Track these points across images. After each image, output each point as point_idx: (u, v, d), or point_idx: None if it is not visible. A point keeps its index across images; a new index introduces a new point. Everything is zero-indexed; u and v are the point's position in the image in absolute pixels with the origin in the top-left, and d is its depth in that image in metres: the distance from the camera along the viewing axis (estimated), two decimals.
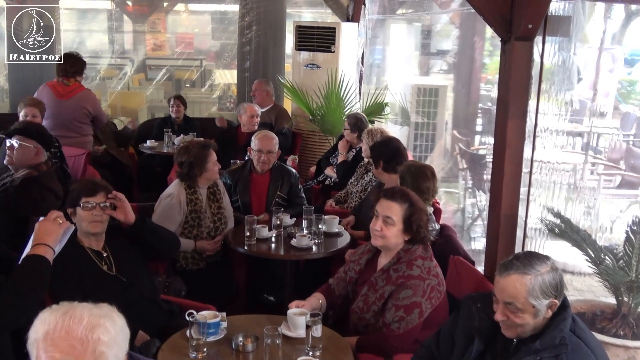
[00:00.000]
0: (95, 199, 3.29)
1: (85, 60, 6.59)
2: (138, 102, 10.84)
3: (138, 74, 12.45)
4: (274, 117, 7.41)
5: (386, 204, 3.09)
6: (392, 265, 3.06)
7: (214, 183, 4.61)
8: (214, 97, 11.55)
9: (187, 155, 4.46)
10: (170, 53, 13.50)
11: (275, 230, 4.39)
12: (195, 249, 4.41)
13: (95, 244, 3.33)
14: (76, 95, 6.21)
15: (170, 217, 4.37)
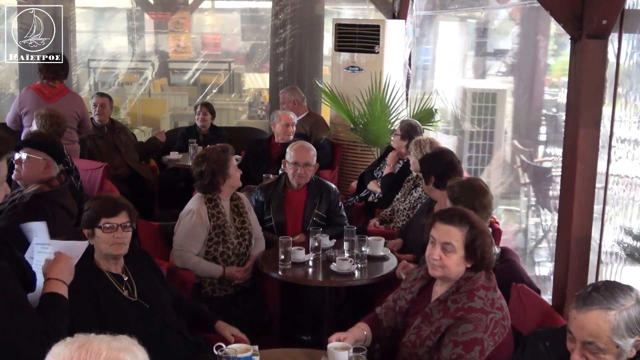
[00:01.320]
0: (117, 219, 3.31)
1: (104, 65, 6.76)
2: (160, 109, 10.98)
3: (160, 78, 12.62)
4: (308, 126, 7.42)
5: (444, 228, 3.01)
6: (450, 295, 3.01)
7: (236, 196, 4.63)
8: (244, 104, 11.63)
9: (206, 163, 4.50)
10: (195, 55, 13.66)
11: (313, 253, 4.37)
12: (224, 276, 4.41)
13: (114, 267, 3.36)
14: (64, 97, 6.34)
15: (194, 236, 4.39)
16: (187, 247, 4.39)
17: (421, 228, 4.23)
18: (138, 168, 7.11)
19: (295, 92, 7.54)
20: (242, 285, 4.49)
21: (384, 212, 5.49)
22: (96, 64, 11.15)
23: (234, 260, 4.48)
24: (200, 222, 4.40)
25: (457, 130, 8.03)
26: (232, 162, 4.51)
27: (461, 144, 7.88)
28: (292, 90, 7.57)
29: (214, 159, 4.49)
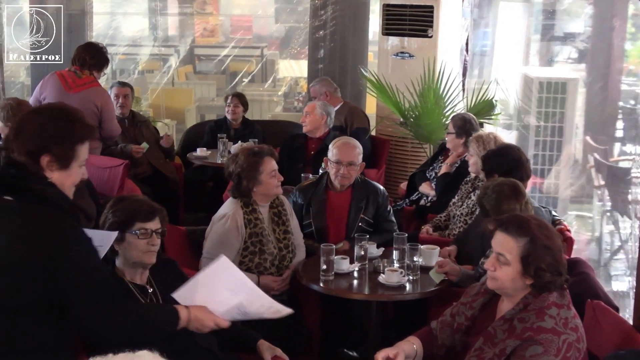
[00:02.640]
0: (152, 224, 3.36)
1: (124, 50, 6.80)
2: (185, 100, 11.07)
3: (184, 66, 12.72)
4: (344, 116, 7.45)
5: (500, 237, 3.04)
6: (517, 314, 2.99)
7: (278, 202, 4.65)
8: (279, 95, 11.67)
9: (234, 164, 4.53)
10: (224, 40, 13.74)
11: (359, 263, 4.38)
12: (258, 286, 4.42)
13: (139, 277, 3.40)
14: (87, 90, 6.38)
15: (226, 244, 4.42)
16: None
17: (480, 235, 4.23)
18: (161, 166, 7.18)
19: (326, 83, 7.58)
20: (278, 297, 4.47)
21: (437, 218, 5.47)
22: (114, 50, 11.27)
23: (272, 272, 4.51)
24: (235, 228, 4.43)
25: (519, 125, 7.98)
26: (267, 167, 4.49)
27: (524, 141, 7.83)
28: (322, 82, 7.62)
29: (242, 162, 4.51)
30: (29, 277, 2.62)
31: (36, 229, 2.65)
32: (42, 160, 2.70)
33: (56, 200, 2.70)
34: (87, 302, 2.69)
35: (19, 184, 2.69)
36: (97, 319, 2.72)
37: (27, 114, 2.81)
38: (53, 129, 2.72)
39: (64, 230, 2.68)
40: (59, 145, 2.71)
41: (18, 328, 2.65)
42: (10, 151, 2.70)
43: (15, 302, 2.65)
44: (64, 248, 2.65)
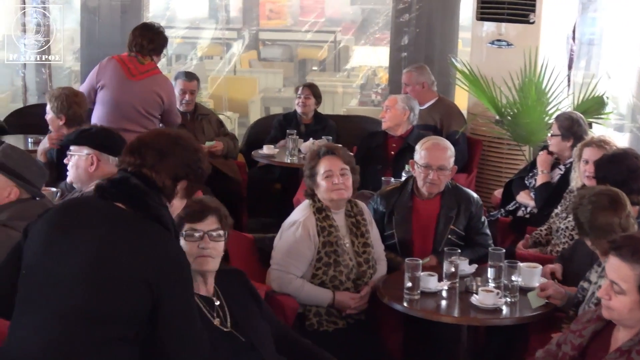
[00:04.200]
0: (204, 225, 3.44)
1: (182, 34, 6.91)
2: (248, 91, 11.18)
3: (247, 51, 12.84)
4: (438, 116, 7.42)
5: (614, 262, 3.02)
6: (635, 345, 2.97)
7: (357, 210, 4.69)
8: (354, 87, 11.70)
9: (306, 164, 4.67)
10: (292, 23, 13.85)
11: (448, 281, 4.38)
12: (333, 304, 4.48)
13: (203, 288, 3.48)
14: (150, 78, 6.50)
15: (297, 254, 4.49)
16: (289, 267, 4.48)
17: (590, 253, 4.20)
18: (223, 165, 7.28)
19: (425, 72, 7.54)
20: (355, 316, 4.54)
21: (538, 231, 5.44)
22: (172, 33, 11.45)
23: (349, 287, 4.54)
24: (307, 237, 4.48)
25: (635, 127, 7.85)
26: (321, 168, 4.56)
27: (639, 145, 7.70)
28: (420, 70, 7.57)
29: (306, 162, 4.63)
30: (130, 288, 2.78)
31: (149, 244, 2.84)
32: (180, 185, 2.99)
33: (167, 222, 2.91)
34: (179, 337, 2.86)
35: (138, 195, 2.89)
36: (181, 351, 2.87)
37: (164, 137, 3.04)
38: (195, 160, 3.01)
39: (176, 252, 2.90)
40: (196, 177, 3.02)
41: (90, 338, 2.77)
42: (143, 167, 2.93)
43: (109, 313, 2.79)
44: (175, 271, 2.85)
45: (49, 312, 2.78)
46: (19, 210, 3.93)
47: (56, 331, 2.75)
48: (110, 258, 2.81)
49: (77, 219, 2.93)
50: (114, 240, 2.83)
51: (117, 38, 8.50)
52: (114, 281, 2.78)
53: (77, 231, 2.87)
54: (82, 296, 2.77)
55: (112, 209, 2.89)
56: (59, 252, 2.85)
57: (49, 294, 2.81)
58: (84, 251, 2.81)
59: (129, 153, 2.98)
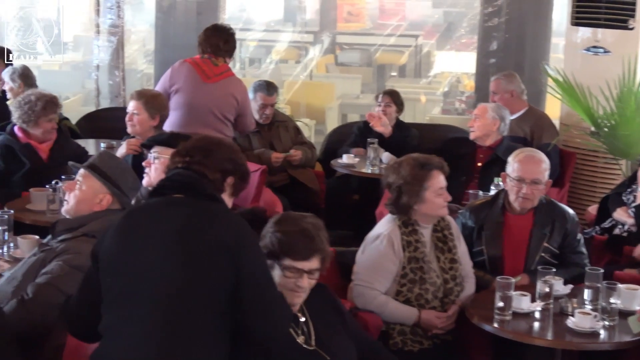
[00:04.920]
0: (307, 264, 3.42)
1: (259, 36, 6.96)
2: (325, 97, 11.20)
3: (324, 55, 12.87)
4: (529, 127, 7.35)
5: None
6: None
7: (444, 224, 4.67)
8: (438, 94, 11.65)
9: (395, 175, 4.57)
10: (371, 26, 13.86)
11: (542, 302, 4.33)
12: (419, 322, 4.47)
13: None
14: (225, 80, 6.58)
15: (381, 269, 4.49)
16: (372, 283, 4.48)
17: None
18: (300, 175, 7.32)
19: (515, 80, 7.47)
20: (442, 337, 4.52)
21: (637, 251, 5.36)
22: (247, 36, 11.57)
23: (435, 305, 4.53)
24: (391, 251, 4.48)
25: None
26: (434, 183, 4.49)
27: None
28: (510, 78, 7.50)
29: (405, 173, 4.54)
30: (213, 260, 3.06)
31: (213, 215, 3.15)
32: (228, 181, 3.36)
33: (224, 203, 3.27)
34: (261, 304, 3.12)
35: (192, 182, 3.20)
36: (265, 321, 3.13)
37: (207, 139, 3.47)
38: (238, 157, 3.43)
39: (245, 225, 3.16)
40: (241, 174, 3.41)
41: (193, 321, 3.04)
42: (192, 164, 3.28)
43: (200, 293, 3.05)
44: (248, 243, 3.13)
45: (145, 309, 3.02)
46: (110, 222, 4.00)
47: (158, 325, 3.00)
48: (186, 237, 3.08)
49: (144, 218, 3.22)
50: (179, 220, 3.11)
51: (192, 40, 8.51)
52: (196, 257, 3.06)
53: (148, 227, 3.15)
54: (171, 282, 3.03)
55: (172, 199, 3.18)
56: (137, 252, 3.11)
57: (138, 293, 3.05)
58: (160, 242, 3.08)
59: (177, 154, 3.33)
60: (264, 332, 3.17)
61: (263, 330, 3.15)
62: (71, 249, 3.91)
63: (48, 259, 3.93)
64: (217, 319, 3.05)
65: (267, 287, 3.15)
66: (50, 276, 3.82)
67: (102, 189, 4.14)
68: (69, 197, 4.20)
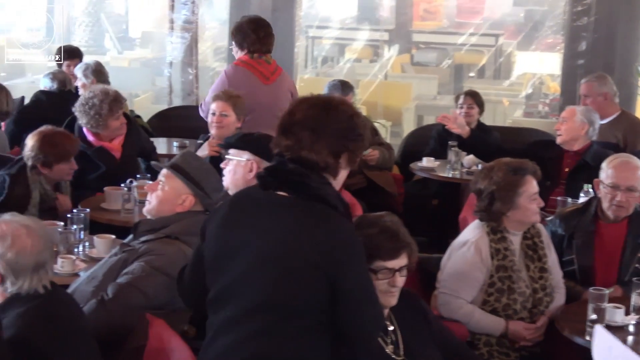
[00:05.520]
0: (396, 262, 3.45)
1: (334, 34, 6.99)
2: (402, 98, 11.20)
3: (400, 55, 12.85)
4: (621, 132, 7.25)
5: None
6: None
7: (534, 231, 4.64)
8: (520, 96, 11.56)
9: (487, 180, 4.54)
10: (447, 24, 13.80)
11: (636, 315, 4.28)
12: (506, 334, 4.46)
13: None
14: (280, 76, 6.66)
15: (468, 278, 4.47)
16: (458, 292, 4.47)
17: None
18: (378, 177, 7.32)
19: (607, 82, 7.36)
20: (530, 349, 4.49)
21: None
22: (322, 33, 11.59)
23: (523, 316, 4.50)
24: (479, 258, 4.46)
25: None
26: (528, 189, 4.45)
27: None
28: (602, 80, 7.40)
29: (497, 179, 4.51)
30: (303, 276, 3.03)
31: (315, 225, 3.04)
32: (342, 159, 3.12)
33: (332, 200, 3.05)
34: (361, 303, 3.08)
35: (296, 179, 3.06)
36: (365, 318, 3.12)
37: (314, 109, 3.14)
38: (351, 127, 3.12)
39: (345, 230, 3.07)
40: (357, 145, 3.14)
41: (285, 330, 3.04)
42: (301, 150, 3.07)
43: (293, 304, 3.04)
44: (346, 249, 3.05)
45: (241, 310, 3.06)
46: (192, 224, 4.07)
47: (252, 327, 3.03)
48: (277, 251, 3.04)
49: (243, 214, 3.17)
50: (277, 232, 3.05)
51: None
52: (285, 272, 3.02)
53: (244, 226, 3.12)
54: (263, 292, 3.03)
55: (273, 198, 3.09)
56: (232, 251, 3.12)
57: (234, 292, 3.09)
58: (252, 248, 3.07)
59: (282, 134, 3.12)
60: (363, 336, 3.20)
61: (361, 335, 3.18)
62: (154, 250, 3.98)
63: (130, 260, 4.00)
64: (313, 329, 3.05)
65: (364, 302, 3.09)
66: (132, 277, 3.89)
67: (184, 189, 4.19)
68: (151, 198, 4.25)
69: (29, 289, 3.10)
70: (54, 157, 5.53)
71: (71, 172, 5.68)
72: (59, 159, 5.55)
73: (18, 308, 3.06)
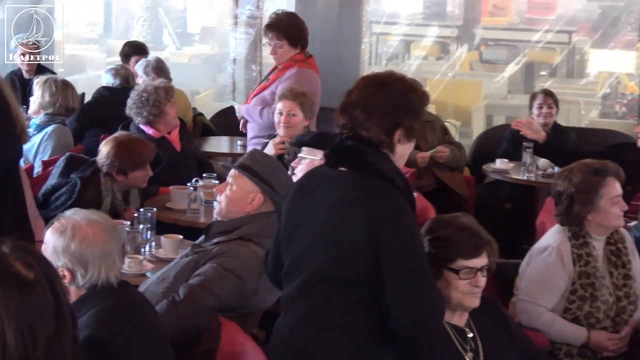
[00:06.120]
0: (478, 261, 3.47)
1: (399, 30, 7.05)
2: (471, 96, 11.14)
3: (468, 52, 12.80)
4: None
5: None
6: None
7: (617, 237, 4.59)
8: (596, 96, 11.44)
9: (567, 182, 4.51)
10: (517, 20, 13.70)
11: None
12: (588, 343, 4.42)
13: (457, 318, 3.53)
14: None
15: (548, 284, 4.44)
16: (538, 299, 4.44)
17: None
18: (448, 179, 7.32)
19: None
20: (613, 359, 4.45)
21: None
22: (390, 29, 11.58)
23: (606, 326, 4.45)
24: (560, 265, 4.43)
25: None
26: (609, 191, 4.40)
27: None
28: None
29: (577, 181, 4.47)
30: (353, 247, 3.18)
31: (366, 198, 3.18)
32: (396, 135, 3.26)
33: (389, 174, 3.20)
34: (403, 288, 3.14)
35: (354, 155, 3.24)
36: (410, 302, 3.15)
37: (369, 88, 3.29)
38: (404, 103, 3.24)
39: (394, 204, 3.18)
40: (410, 118, 3.26)
41: (342, 301, 3.22)
42: (356, 128, 3.25)
43: (341, 274, 3.22)
44: (391, 223, 3.15)
45: (304, 282, 3.28)
46: (265, 225, 4.16)
47: (312, 300, 3.26)
48: (333, 224, 3.22)
49: (309, 190, 3.39)
50: (334, 205, 3.23)
51: (333, 33, 8.65)
52: (341, 245, 3.19)
53: (309, 201, 3.34)
54: (323, 264, 3.23)
55: (335, 174, 3.29)
56: (299, 224, 3.35)
57: (300, 265, 3.31)
58: (315, 221, 3.26)
59: (340, 114, 3.32)
60: (409, 321, 3.19)
61: (407, 319, 3.18)
62: (227, 252, 4.02)
63: (201, 261, 4.05)
64: (364, 302, 3.20)
65: (412, 280, 3.15)
66: (204, 278, 3.93)
67: (252, 187, 4.25)
68: (221, 199, 4.32)
69: (102, 281, 3.14)
70: (129, 164, 5.59)
71: (146, 179, 5.74)
72: (135, 166, 5.61)
73: (93, 307, 3.09)
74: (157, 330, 3.34)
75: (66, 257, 3.12)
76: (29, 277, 2.44)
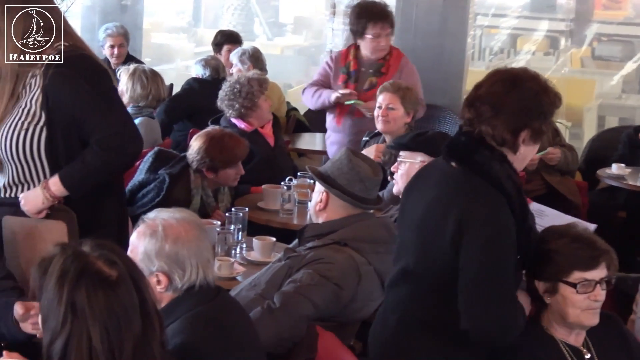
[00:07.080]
0: (597, 273, 3.37)
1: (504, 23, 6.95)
2: (584, 96, 10.96)
3: (579, 48, 12.61)
4: None
5: None
6: None
7: None
8: None
9: None
10: (634, 15, 13.46)
11: None
12: None
13: (573, 336, 3.45)
14: None
15: None
16: None
17: None
18: (559, 184, 7.18)
19: None
20: None
21: None
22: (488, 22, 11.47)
23: None
24: None
25: None
26: None
27: None
28: None
29: None
30: (438, 249, 3.28)
31: (458, 199, 3.27)
32: (521, 136, 3.27)
33: (496, 174, 3.22)
34: (472, 297, 3.24)
35: (463, 152, 3.32)
36: (480, 313, 3.24)
37: (500, 83, 3.29)
38: (534, 105, 3.26)
39: (485, 208, 3.23)
40: (539, 120, 3.28)
41: (427, 300, 3.38)
42: (478, 124, 3.29)
43: (427, 273, 3.36)
44: (475, 228, 3.20)
45: (398, 273, 3.47)
46: (362, 228, 4.15)
47: (402, 291, 3.45)
48: (426, 221, 3.35)
49: (419, 182, 3.54)
50: (432, 202, 3.34)
51: (436, 26, 8.51)
52: (429, 240, 3.32)
53: (416, 194, 3.49)
54: (413, 257, 3.39)
55: (447, 168, 3.36)
56: (403, 216, 3.55)
57: (398, 256, 3.52)
58: (414, 213, 3.42)
59: (466, 107, 3.36)
60: (474, 331, 3.25)
61: (473, 329, 3.25)
62: (323, 257, 3.96)
63: (295, 267, 3.99)
64: (443, 305, 3.30)
65: (483, 293, 3.21)
66: (300, 285, 3.88)
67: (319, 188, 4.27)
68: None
69: (201, 281, 3.09)
70: (221, 161, 5.57)
71: (237, 178, 5.72)
72: (226, 163, 5.59)
73: (186, 312, 3.04)
74: (252, 339, 3.30)
75: (161, 259, 3.05)
76: (112, 276, 2.43)
